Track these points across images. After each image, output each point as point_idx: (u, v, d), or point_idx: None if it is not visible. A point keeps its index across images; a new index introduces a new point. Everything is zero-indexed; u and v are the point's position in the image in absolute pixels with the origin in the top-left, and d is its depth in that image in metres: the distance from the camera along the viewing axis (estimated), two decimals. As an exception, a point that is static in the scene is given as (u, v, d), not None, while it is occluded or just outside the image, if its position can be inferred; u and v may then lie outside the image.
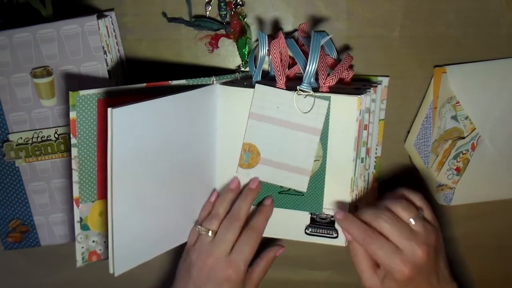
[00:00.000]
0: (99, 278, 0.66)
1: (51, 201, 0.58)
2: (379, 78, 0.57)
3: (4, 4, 0.56)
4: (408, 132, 0.60)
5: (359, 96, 0.49)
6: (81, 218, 0.49)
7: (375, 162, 0.58)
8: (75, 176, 0.48)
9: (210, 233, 0.52)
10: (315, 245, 0.54)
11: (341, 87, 0.52)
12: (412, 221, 0.49)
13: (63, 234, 0.59)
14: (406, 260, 0.47)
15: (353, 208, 0.53)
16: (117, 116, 0.43)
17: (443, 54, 0.58)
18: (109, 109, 0.42)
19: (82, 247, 0.50)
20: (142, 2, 0.57)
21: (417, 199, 0.52)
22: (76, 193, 0.48)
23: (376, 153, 0.58)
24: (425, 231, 0.49)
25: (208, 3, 0.57)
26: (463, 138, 0.60)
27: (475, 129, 0.60)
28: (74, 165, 0.47)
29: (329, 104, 0.50)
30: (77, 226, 0.49)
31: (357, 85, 0.54)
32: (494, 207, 0.63)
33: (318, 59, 0.49)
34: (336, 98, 0.50)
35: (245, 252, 0.51)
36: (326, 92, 0.50)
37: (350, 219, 0.50)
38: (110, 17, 0.55)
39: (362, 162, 0.52)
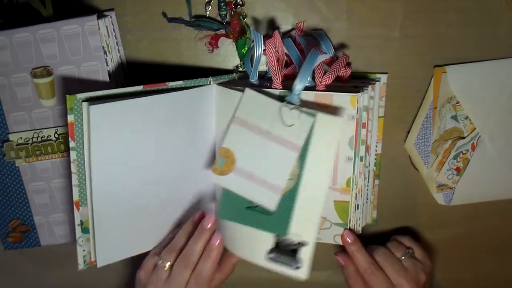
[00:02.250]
0: (99, 278, 0.66)
1: (51, 201, 0.58)
2: (378, 75, 0.57)
3: (4, 4, 0.56)
4: (408, 132, 0.60)
5: (354, 94, 0.48)
6: (81, 221, 0.49)
7: (375, 159, 0.58)
8: (75, 180, 0.48)
9: (166, 267, 0.50)
10: (315, 245, 0.54)
11: (339, 85, 0.52)
12: (403, 258, 0.55)
13: (63, 234, 0.59)
14: None
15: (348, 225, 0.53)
16: (94, 112, 0.45)
17: (443, 54, 0.58)
18: (84, 104, 0.45)
19: (84, 250, 0.50)
20: (142, 2, 0.57)
21: (406, 240, 0.57)
22: (76, 196, 0.48)
23: (376, 150, 0.58)
24: (415, 268, 0.54)
25: (208, 3, 0.57)
26: (463, 138, 0.60)
27: (475, 129, 0.60)
28: (73, 169, 0.47)
29: (313, 122, 0.47)
30: (78, 229, 0.49)
31: (355, 83, 0.53)
32: (494, 207, 0.63)
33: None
34: (322, 116, 0.47)
35: None
36: (323, 90, 0.50)
37: (359, 246, 0.53)
38: (110, 17, 0.55)
39: (361, 160, 0.52)
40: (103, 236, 0.49)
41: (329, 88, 0.50)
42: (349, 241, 0.52)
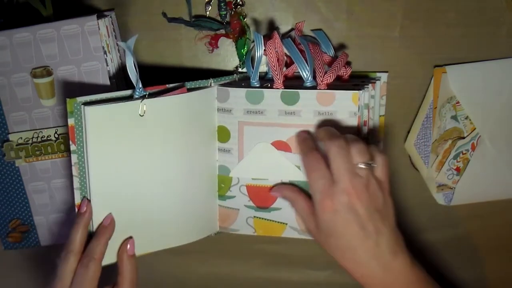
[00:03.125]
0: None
1: (51, 201, 0.58)
2: (378, 74, 0.57)
3: (4, 4, 0.56)
4: (408, 132, 0.60)
5: (356, 91, 0.49)
6: None
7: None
8: (76, 183, 0.48)
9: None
10: (315, 245, 0.54)
11: (340, 84, 0.52)
12: (360, 165, 0.45)
13: (63, 234, 0.59)
14: (333, 192, 0.44)
15: None
16: (91, 114, 0.45)
17: (443, 54, 0.58)
18: (83, 107, 0.45)
19: None
20: (142, 2, 0.57)
21: (376, 152, 0.46)
22: (77, 199, 0.48)
23: (377, 150, 0.58)
24: (368, 181, 0.45)
25: (208, 3, 0.57)
26: (463, 138, 0.60)
27: (475, 129, 0.60)
28: (74, 172, 0.47)
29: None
30: None
31: (356, 81, 0.54)
32: (494, 207, 0.63)
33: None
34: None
35: (82, 284, 0.47)
36: (325, 89, 0.50)
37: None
38: (110, 17, 0.55)
39: None
40: None
41: (330, 87, 0.51)
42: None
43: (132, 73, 0.47)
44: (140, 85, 0.48)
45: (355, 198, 0.44)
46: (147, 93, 0.48)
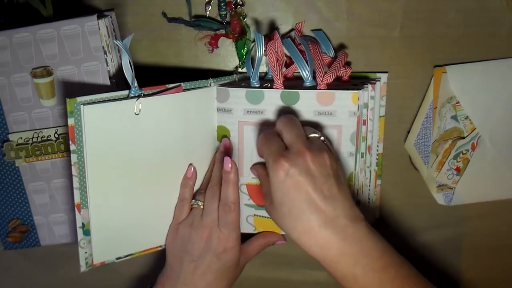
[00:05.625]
0: (99, 278, 0.66)
1: (51, 201, 0.58)
2: (378, 75, 0.57)
3: (4, 4, 0.56)
4: (408, 132, 0.60)
5: (355, 91, 0.49)
6: (83, 224, 0.49)
7: (377, 159, 0.58)
8: (76, 182, 0.48)
9: (200, 205, 0.52)
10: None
11: (340, 85, 0.52)
12: (312, 134, 0.45)
13: (63, 234, 0.59)
14: (287, 154, 0.43)
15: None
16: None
17: (443, 54, 0.58)
18: (82, 107, 0.45)
19: (85, 252, 0.50)
20: (142, 2, 0.57)
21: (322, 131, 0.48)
22: (77, 199, 0.48)
23: (377, 150, 0.58)
24: (321, 147, 0.44)
25: (208, 3, 0.57)
26: (463, 138, 0.60)
27: (475, 129, 0.60)
28: (74, 171, 0.47)
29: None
30: (79, 231, 0.49)
31: (356, 82, 0.54)
32: (494, 207, 0.63)
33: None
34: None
35: (230, 225, 0.51)
36: (325, 89, 0.50)
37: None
38: (110, 17, 0.55)
39: (362, 157, 0.53)
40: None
41: (330, 87, 0.51)
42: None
43: (128, 72, 0.47)
44: (136, 84, 0.48)
45: (310, 160, 0.42)
46: (142, 92, 0.48)
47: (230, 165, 0.51)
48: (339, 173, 0.44)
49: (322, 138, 0.46)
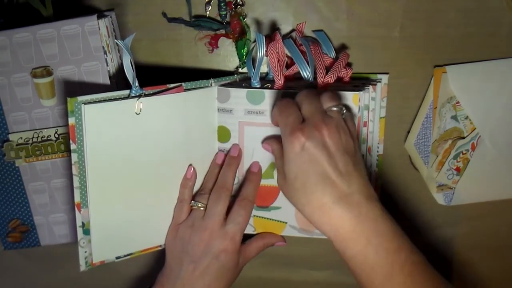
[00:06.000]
0: (99, 278, 0.66)
1: (51, 201, 0.58)
2: (379, 76, 0.57)
3: (4, 4, 0.56)
4: (408, 132, 0.60)
5: (356, 92, 0.49)
6: (83, 223, 0.49)
7: (377, 160, 0.58)
8: (76, 182, 0.48)
9: (202, 208, 0.52)
10: (315, 245, 0.54)
11: (340, 86, 0.52)
12: (332, 108, 0.43)
13: (63, 234, 0.59)
14: (304, 127, 0.41)
15: None
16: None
17: (443, 54, 0.58)
18: (83, 106, 0.45)
19: (85, 252, 0.50)
20: (142, 2, 0.57)
21: (346, 104, 0.46)
22: (77, 198, 0.48)
23: (378, 151, 0.58)
24: (339, 122, 0.42)
25: (208, 3, 0.57)
26: (463, 138, 0.60)
27: (475, 129, 0.60)
28: (74, 171, 0.47)
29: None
30: (79, 231, 0.49)
31: (356, 83, 0.54)
32: (494, 207, 0.63)
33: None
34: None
35: (240, 222, 0.51)
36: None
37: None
38: (110, 17, 0.55)
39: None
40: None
41: (331, 88, 0.51)
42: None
43: (129, 72, 0.47)
44: (137, 84, 0.48)
45: (326, 134, 0.41)
46: (143, 91, 0.48)
47: (257, 167, 0.53)
48: (356, 151, 0.43)
49: (344, 110, 0.44)
